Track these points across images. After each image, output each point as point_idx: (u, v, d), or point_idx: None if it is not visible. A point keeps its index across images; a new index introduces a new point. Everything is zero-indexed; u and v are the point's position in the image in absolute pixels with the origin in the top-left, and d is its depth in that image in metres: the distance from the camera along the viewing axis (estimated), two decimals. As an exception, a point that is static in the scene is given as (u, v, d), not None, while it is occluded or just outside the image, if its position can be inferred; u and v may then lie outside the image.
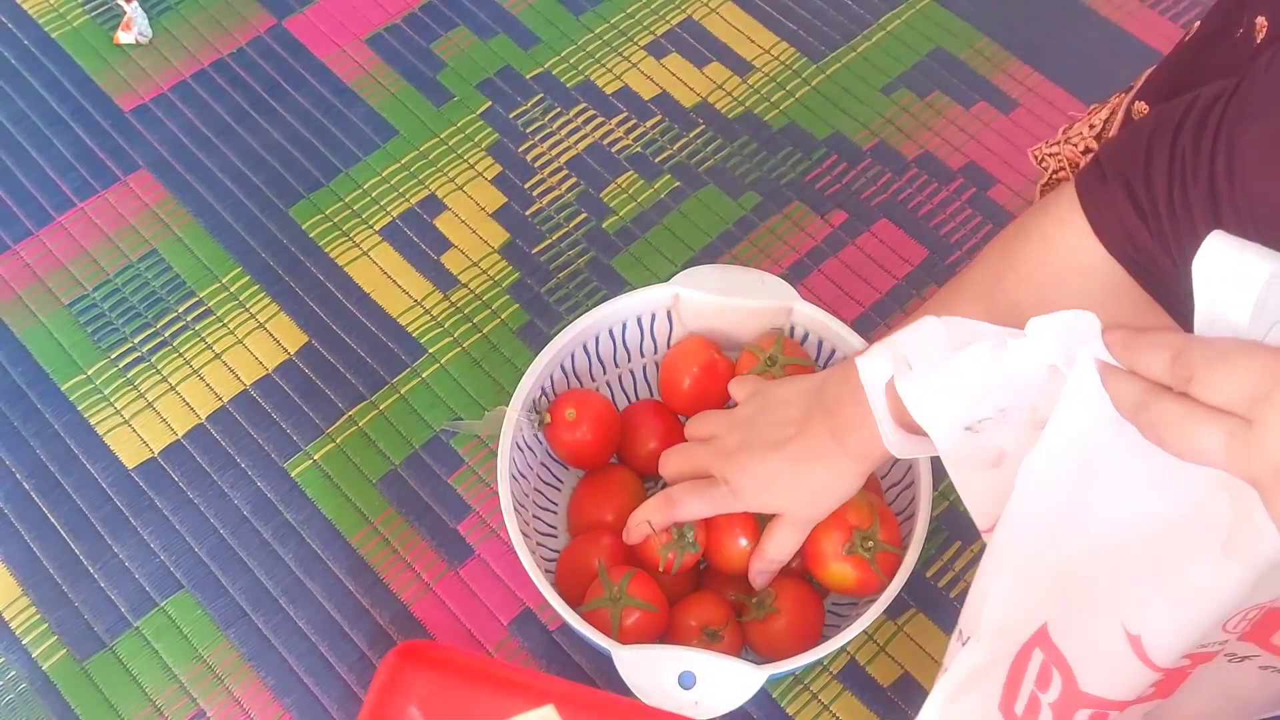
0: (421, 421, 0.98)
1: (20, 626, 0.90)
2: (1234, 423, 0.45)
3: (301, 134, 1.12)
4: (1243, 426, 0.45)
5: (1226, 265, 0.49)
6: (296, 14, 1.19)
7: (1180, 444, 0.47)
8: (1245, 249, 0.49)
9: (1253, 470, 0.45)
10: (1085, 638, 0.60)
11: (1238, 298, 0.49)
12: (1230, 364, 0.46)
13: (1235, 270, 0.49)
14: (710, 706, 0.76)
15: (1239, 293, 0.49)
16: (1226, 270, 0.49)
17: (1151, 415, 0.48)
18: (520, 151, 1.11)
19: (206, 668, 0.89)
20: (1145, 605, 0.57)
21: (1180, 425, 0.47)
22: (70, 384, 1.00)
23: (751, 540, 0.82)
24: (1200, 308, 0.50)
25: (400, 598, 0.91)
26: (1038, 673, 0.62)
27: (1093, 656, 0.60)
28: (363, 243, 1.06)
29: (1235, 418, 0.45)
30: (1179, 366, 0.47)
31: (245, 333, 1.02)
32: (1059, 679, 0.61)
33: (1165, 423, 0.48)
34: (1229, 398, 0.46)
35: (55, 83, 1.14)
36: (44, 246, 1.06)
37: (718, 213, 1.08)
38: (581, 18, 1.19)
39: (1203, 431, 0.46)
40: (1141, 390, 0.49)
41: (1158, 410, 0.48)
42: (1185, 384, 0.47)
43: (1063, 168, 0.86)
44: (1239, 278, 0.49)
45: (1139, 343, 0.50)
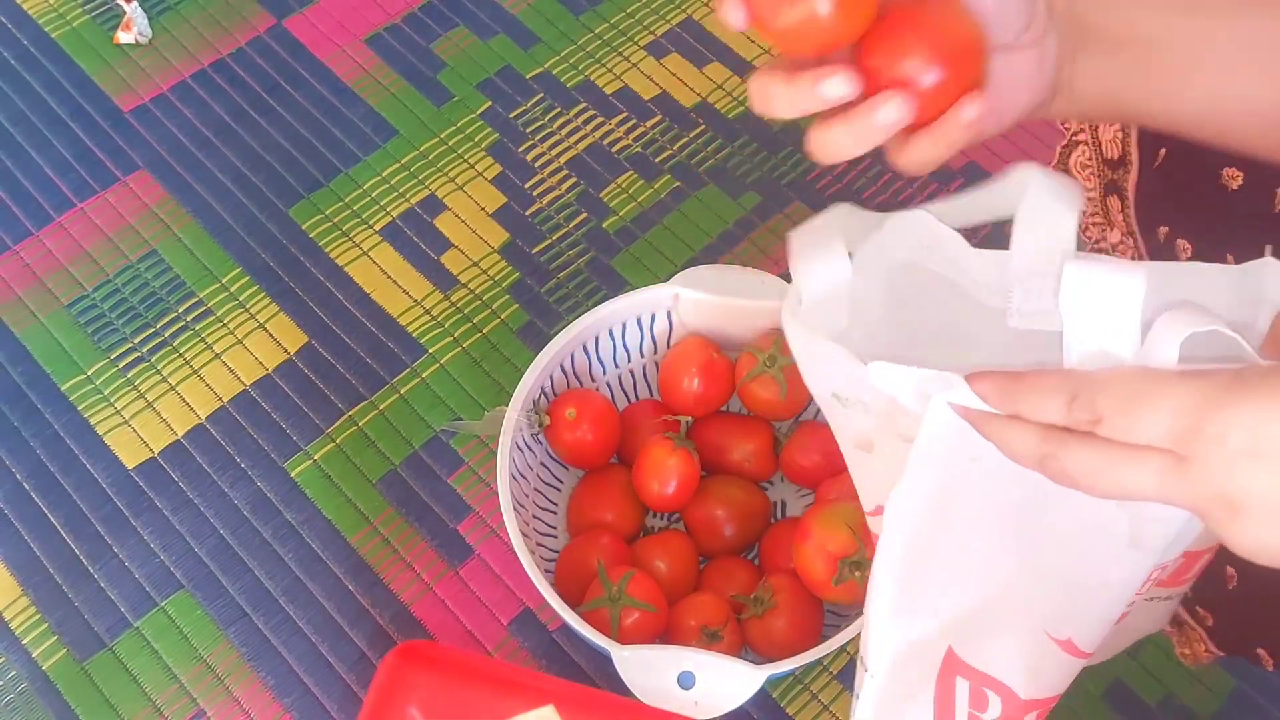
0: (421, 421, 0.98)
1: (20, 626, 0.90)
2: (1161, 459, 0.44)
3: (301, 134, 1.12)
4: (1173, 462, 0.44)
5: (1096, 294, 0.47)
6: (296, 14, 1.19)
7: (1105, 487, 0.46)
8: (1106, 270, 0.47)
9: (1194, 502, 0.44)
10: (1009, 656, 0.59)
11: (1117, 325, 0.47)
12: (1146, 404, 0.44)
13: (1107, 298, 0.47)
14: (710, 706, 0.76)
15: (1118, 320, 0.47)
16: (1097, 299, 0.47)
17: (1063, 463, 0.46)
18: (520, 151, 1.11)
19: (206, 668, 0.89)
20: (1065, 612, 0.57)
21: (1104, 472, 0.45)
22: (70, 384, 1.00)
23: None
24: (1075, 343, 0.48)
25: (400, 598, 0.91)
26: (968, 697, 0.61)
27: (1026, 669, 0.59)
28: (363, 243, 1.06)
29: (1161, 453, 0.44)
30: (1079, 409, 0.46)
31: (245, 333, 1.02)
32: (996, 697, 0.60)
33: (1084, 471, 0.46)
34: (1151, 437, 0.44)
35: (55, 83, 1.14)
36: (44, 247, 1.06)
37: (718, 213, 1.08)
38: (581, 18, 1.19)
39: (1130, 473, 0.45)
40: (1038, 439, 0.47)
41: (1070, 458, 0.46)
42: (1092, 426, 0.45)
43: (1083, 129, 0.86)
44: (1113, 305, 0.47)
45: (1020, 388, 0.47)
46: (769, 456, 0.91)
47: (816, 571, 0.80)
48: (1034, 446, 0.47)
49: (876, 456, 0.58)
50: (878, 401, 0.54)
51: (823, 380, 0.58)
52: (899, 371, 0.51)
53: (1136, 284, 0.47)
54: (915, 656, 0.61)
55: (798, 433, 0.91)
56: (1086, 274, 0.48)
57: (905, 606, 0.59)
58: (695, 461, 0.87)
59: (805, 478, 0.91)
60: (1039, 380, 0.47)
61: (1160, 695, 0.88)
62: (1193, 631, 0.80)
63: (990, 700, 0.60)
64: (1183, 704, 0.88)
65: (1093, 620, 0.57)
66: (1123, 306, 0.47)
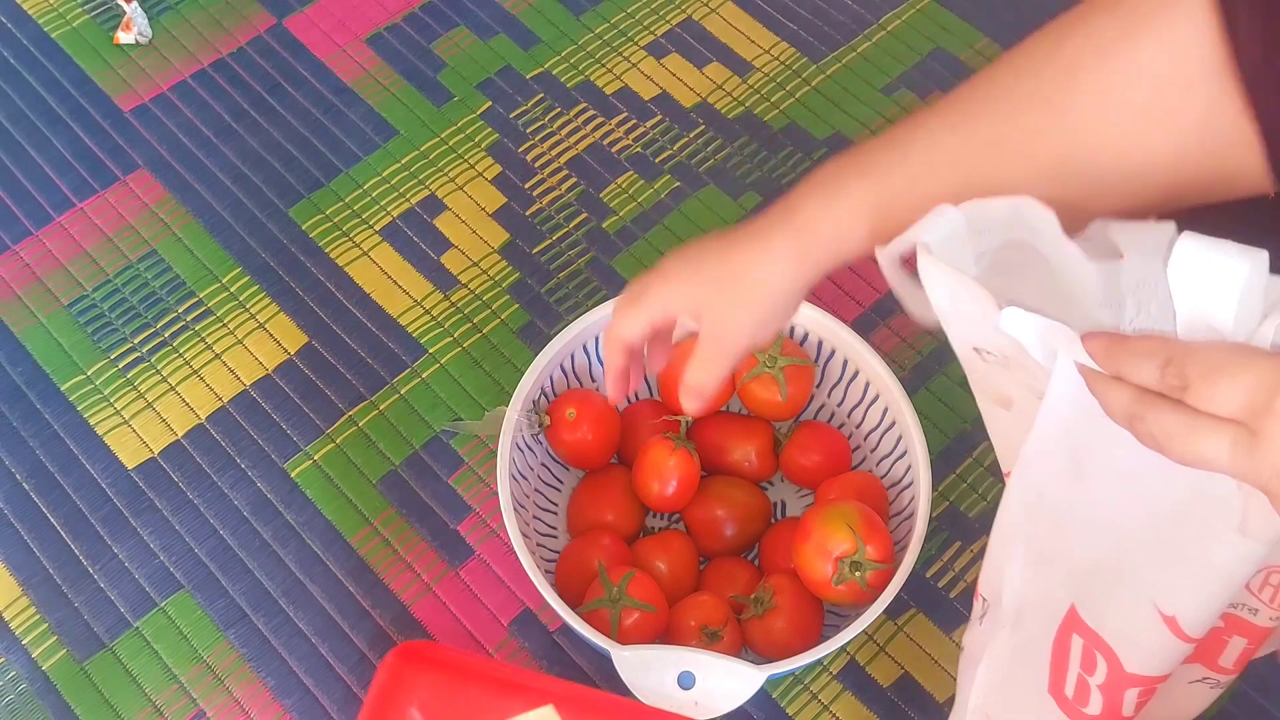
0: (421, 421, 0.98)
1: (20, 626, 0.90)
2: (1236, 432, 0.45)
3: (301, 134, 1.12)
4: (1246, 436, 0.45)
5: (1203, 267, 0.49)
6: (296, 13, 1.19)
7: (1182, 454, 0.47)
8: (1219, 248, 0.49)
9: (1261, 478, 0.45)
10: (1120, 622, 0.60)
11: (1218, 300, 0.49)
12: (1228, 375, 0.46)
13: (1213, 272, 0.49)
14: (710, 706, 0.76)
15: (1219, 295, 0.49)
16: (1204, 272, 0.49)
17: (1148, 425, 0.48)
18: (520, 151, 1.11)
19: (206, 668, 0.89)
20: (1172, 586, 0.58)
21: (1182, 437, 0.47)
22: (70, 384, 1.00)
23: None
24: (1181, 311, 0.50)
25: (400, 598, 0.91)
26: (1081, 657, 0.62)
27: (1132, 640, 0.60)
28: (363, 243, 1.06)
29: (1237, 426, 0.45)
30: (1170, 375, 0.47)
31: (245, 333, 1.02)
32: (1104, 662, 0.61)
33: (1165, 434, 0.48)
34: (1230, 409, 0.46)
35: (55, 82, 1.14)
36: (43, 246, 1.06)
37: (718, 213, 1.08)
38: (581, 18, 1.19)
39: (1206, 442, 0.46)
40: (1132, 399, 0.49)
41: (1154, 420, 0.48)
42: (1179, 392, 0.47)
43: None
44: (1217, 279, 0.49)
45: (1123, 350, 0.49)
46: (769, 456, 0.91)
47: (816, 571, 0.80)
48: (1126, 404, 0.49)
49: (1016, 412, 0.60)
50: (1017, 356, 0.55)
51: (964, 331, 0.59)
52: (1028, 319, 0.52)
53: (1242, 262, 0.48)
54: (1042, 606, 0.62)
55: (798, 433, 0.91)
56: (1198, 247, 0.49)
57: (1037, 556, 0.60)
58: (695, 461, 0.87)
59: (805, 478, 0.91)
60: (1139, 344, 0.49)
61: (1160, 695, 0.88)
62: None
63: (1099, 664, 0.62)
64: (1183, 704, 0.88)
65: (1198, 602, 0.57)
66: (1226, 281, 0.48)
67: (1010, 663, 0.65)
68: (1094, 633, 0.61)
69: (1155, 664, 0.61)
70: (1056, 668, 0.64)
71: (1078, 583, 0.61)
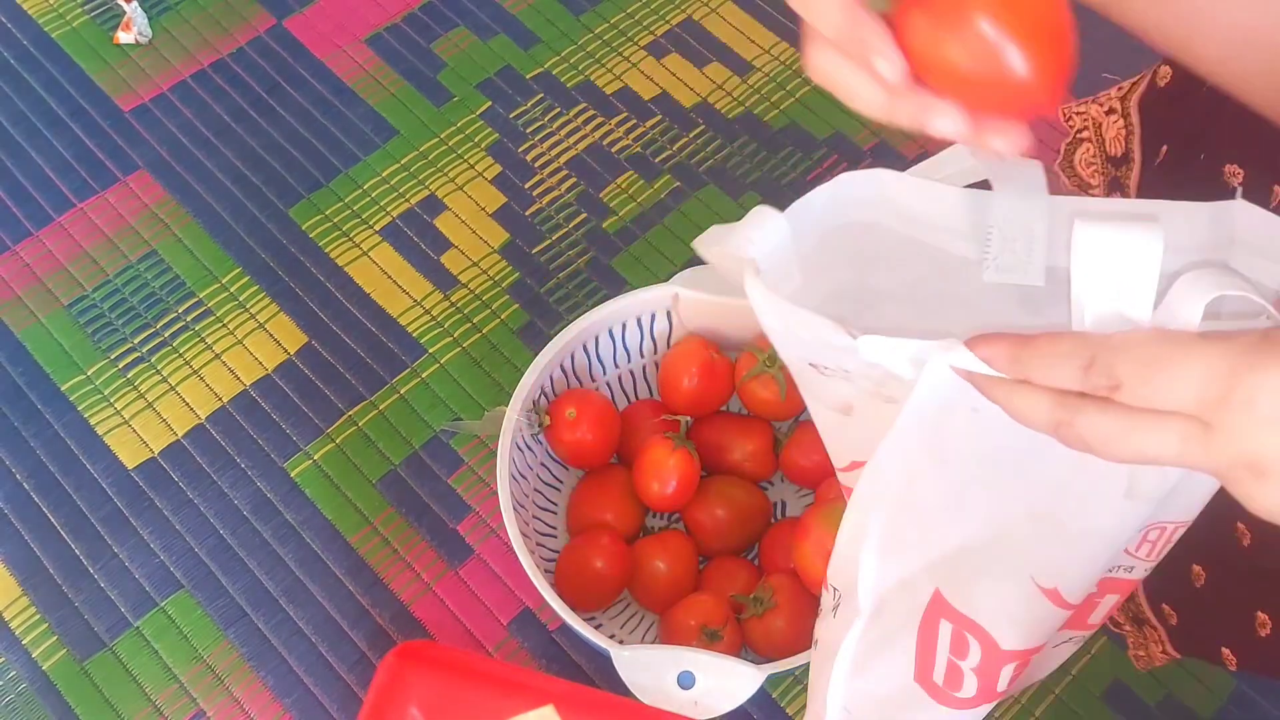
0: (421, 421, 0.98)
1: (20, 626, 0.90)
2: (1184, 425, 0.43)
3: (301, 134, 1.12)
4: (1198, 428, 0.43)
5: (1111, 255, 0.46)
6: (296, 14, 1.19)
7: (1123, 453, 0.45)
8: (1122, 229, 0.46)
9: (1218, 467, 0.44)
10: (995, 602, 0.59)
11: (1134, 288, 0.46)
12: (1168, 369, 0.44)
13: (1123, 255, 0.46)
14: (710, 706, 0.76)
15: (1132, 280, 0.46)
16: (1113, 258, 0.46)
17: (1079, 429, 0.45)
18: (520, 151, 1.11)
19: (206, 668, 0.89)
20: (1052, 559, 0.56)
21: (1122, 438, 0.45)
22: (70, 384, 1.00)
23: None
24: (1090, 305, 0.47)
25: (400, 598, 0.91)
26: (950, 642, 0.60)
27: (1009, 618, 0.59)
28: (363, 243, 1.06)
29: (1184, 419, 0.43)
30: (1096, 375, 0.45)
31: (245, 333, 1.02)
32: (976, 644, 0.59)
33: (1101, 437, 0.45)
34: (1175, 403, 0.43)
35: (54, 83, 1.14)
36: (44, 247, 1.06)
37: (718, 213, 1.08)
38: (581, 18, 1.19)
39: (1149, 440, 0.44)
40: (1053, 404, 0.46)
41: (1087, 424, 0.45)
42: (1110, 392, 0.45)
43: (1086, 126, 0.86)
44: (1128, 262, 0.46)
45: (1031, 353, 0.46)
46: (769, 456, 0.91)
47: (816, 570, 0.80)
48: (1047, 412, 0.46)
49: (856, 418, 0.57)
50: (861, 369, 0.53)
51: (797, 349, 0.57)
52: (892, 344, 0.50)
53: (1154, 243, 0.45)
54: (903, 597, 0.60)
55: (798, 433, 0.91)
56: (1101, 234, 0.46)
57: (893, 546, 0.58)
58: (695, 461, 0.87)
59: (805, 478, 0.91)
60: (1051, 344, 0.46)
61: (1160, 695, 0.88)
62: (1153, 632, 0.80)
63: (971, 647, 0.60)
64: (1183, 704, 0.88)
65: (1081, 569, 0.57)
66: (1140, 267, 0.46)
67: (870, 654, 0.63)
68: (964, 616, 0.59)
69: (1034, 636, 0.60)
70: (923, 655, 0.62)
71: (942, 569, 0.58)
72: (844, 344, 0.51)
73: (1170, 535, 0.60)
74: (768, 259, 0.57)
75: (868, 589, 0.59)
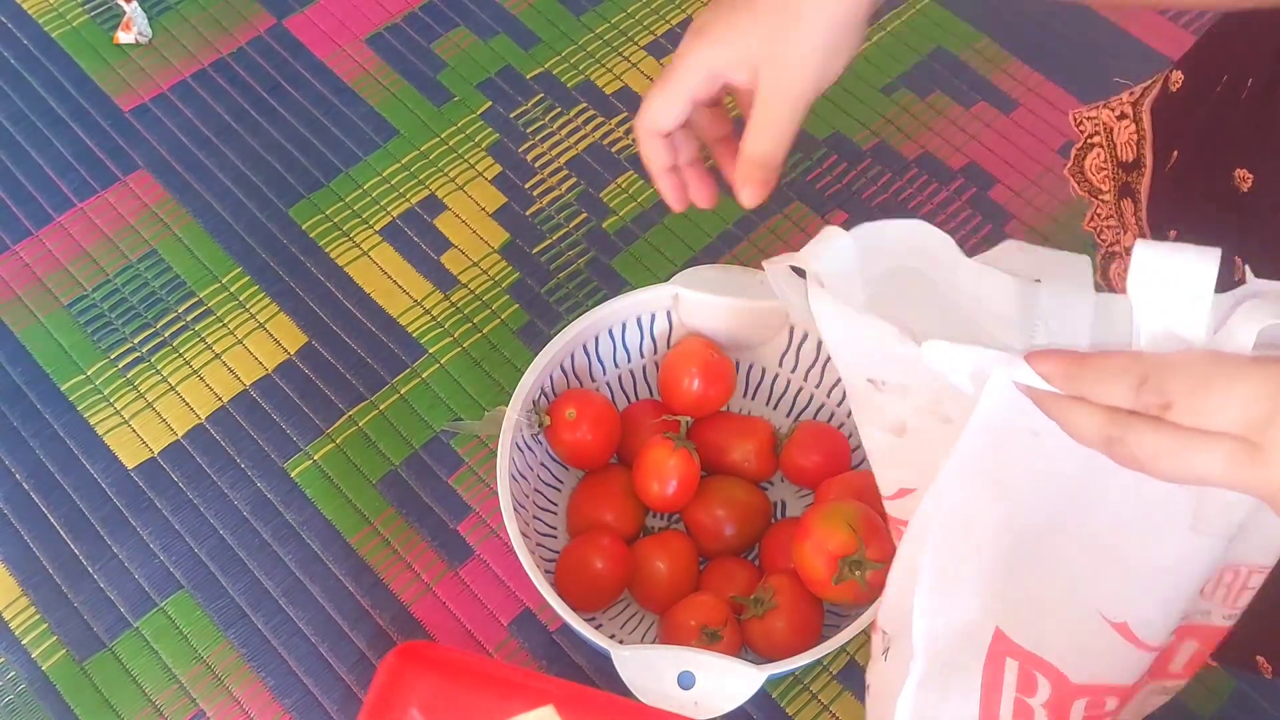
0: (421, 421, 0.98)
1: (20, 626, 0.90)
2: (1233, 445, 0.44)
3: (301, 134, 1.12)
4: (1246, 449, 0.44)
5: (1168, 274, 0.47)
6: (296, 14, 1.19)
7: (1173, 471, 0.46)
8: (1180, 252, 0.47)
9: (1264, 488, 0.44)
10: (1060, 636, 0.59)
11: (1187, 307, 0.47)
12: (1217, 389, 0.45)
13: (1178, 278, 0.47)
14: (710, 706, 0.75)
15: (1187, 301, 0.47)
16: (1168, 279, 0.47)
17: (1129, 447, 0.46)
18: (520, 151, 1.11)
19: (206, 668, 0.89)
20: (1119, 593, 0.56)
21: (1172, 456, 0.45)
22: (70, 384, 1.00)
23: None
24: (1145, 324, 0.48)
25: (400, 598, 0.91)
26: (1017, 681, 0.60)
27: (1078, 651, 0.58)
28: (363, 243, 1.06)
29: (1233, 439, 0.44)
30: (1148, 393, 0.46)
31: (245, 333, 1.02)
32: (1045, 681, 0.59)
33: (1151, 454, 0.46)
34: (1224, 423, 0.44)
35: (55, 82, 1.14)
36: (43, 246, 1.06)
37: (718, 213, 1.07)
38: (582, 18, 1.19)
39: (1198, 459, 0.45)
40: (1105, 420, 0.47)
41: (1138, 441, 0.46)
42: (1161, 410, 0.45)
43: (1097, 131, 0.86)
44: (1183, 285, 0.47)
45: (1087, 370, 0.47)
46: (769, 456, 0.91)
47: (816, 570, 0.80)
48: (1099, 428, 0.47)
49: (909, 439, 0.58)
50: (920, 383, 0.53)
51: (857, 364, 0.58)
52: (957, 350, 0.50)
53: (1209, 267, 0.46)
54: (963, 638, 0.60)
55: (798, 433, 0.91)
56: (1159, 255, 0.47)
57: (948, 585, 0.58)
58: (695, 462, 0.87)
59: (805, 478, 0.91)
60: (1105, 362, 0.47)
61: (1160, 695, 0.88)
62: None
63: (1039, 684, 0.60)
64: (1183, 704, 0.88)
65: (1151, 605, 0.56)
66: (1195, 289, 0.47)
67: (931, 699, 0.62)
68: (1030, 653, 0.59)
69: (1107, 671, 0.59)
70: (988, 696, 0.61)
71: (1001, 605, 0.59)
72: (908, 351, 0.52)
73: (1245, 579, 0.59)
74: (832, 273, 0.58)
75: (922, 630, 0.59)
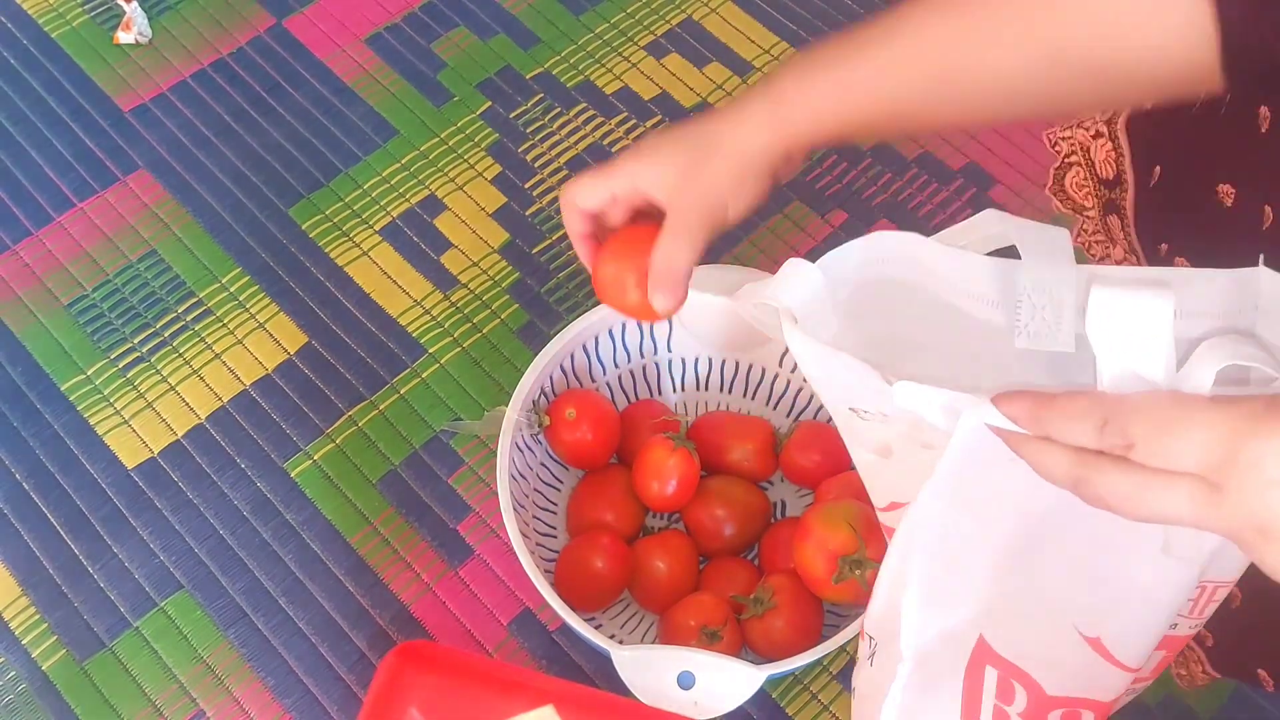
0: (421, 421, 0.98)
1: (20, 626, 0.90)
2: (1193, 485, 0.44)
3: (301, 134, 1.12)
4: (1206, 489, 0.44)
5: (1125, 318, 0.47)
6: (296, 14, 1.19)
7: (1137, 511, 0.46)
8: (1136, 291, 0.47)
9: (1227, 527, 0.45)
10: (1037, 647, 0.59)
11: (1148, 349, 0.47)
12: (1178, 431, 0.45)
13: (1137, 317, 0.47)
14: (709, 707, 0.75)
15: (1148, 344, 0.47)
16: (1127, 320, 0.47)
17: (1096, 488, 0.47)
18: (520, 151, 1.11)
19: (206, 668, 0.89)
20: (1094, 610, 0.57)
21: (1136, 497, 0.46)
22: (70, 384, 1.00)
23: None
24: (1106, 366, 0.48)
25: (400, 598, 0.91)
26: (996, 689, 0.61)
27: (1053, 664, 0.59)
28: (363, 243, 1.06)
29: (1193, 479, 0.44)
30: (1110, 434, 0.46)
31: (245, 333, 1.02)
32: (1022, 690, 0.60)
33: (1116, 495, 0.46)
34: (1184, 464, 0.44)
35: (54, 82, 1.14)
36: (43, 246, 1.06)
37: (718, 213, 1.07)
38: (581, 18, 1.19)
39: (1162, 499, 0.45)
40: (1072, 462, 0.47)
41: (1103, 482, 0.46)
42: (1125, 450, 0.46)
43: (1074, 151, 0.86)
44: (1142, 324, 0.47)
45: (1051, 412, 0.48)
46: (768, 455, 0.91)
47: (816, 569, 0.80)
48: (1066, 469, 0.48)
49: (895, 461, 0.58)
50: (898, 414, 0.54)
51: (838, 394, 0.59)
52: (926, 392, 0.51)
53: (1165, 307, 0.47)
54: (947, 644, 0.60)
55: (798, 433, 0.91)
56: (1114, 298, 0.48)
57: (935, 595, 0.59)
58: (695, 462, 0.87)
59: (805, 478, 0.91)
60: (1069, 404, 0.47)
61: (1160, 695, 0.88)
62: (1191, 653, 0.79)
63: (1017, 693, 0.60)
64: (1183, 704, 0.88)
65: (1124, 623, 0.57)
66: (1152, 330, 0.47)
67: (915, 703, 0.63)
68: (1009, 662, 0.60)
69: (1082, 684, 0.60)
70: (969, 702, 0.62)
71: (985, 615, 0.59)
72: (880, 389, 0.52)
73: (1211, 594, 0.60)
74: (804, 307, 0.59)
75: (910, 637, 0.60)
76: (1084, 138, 0.85)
